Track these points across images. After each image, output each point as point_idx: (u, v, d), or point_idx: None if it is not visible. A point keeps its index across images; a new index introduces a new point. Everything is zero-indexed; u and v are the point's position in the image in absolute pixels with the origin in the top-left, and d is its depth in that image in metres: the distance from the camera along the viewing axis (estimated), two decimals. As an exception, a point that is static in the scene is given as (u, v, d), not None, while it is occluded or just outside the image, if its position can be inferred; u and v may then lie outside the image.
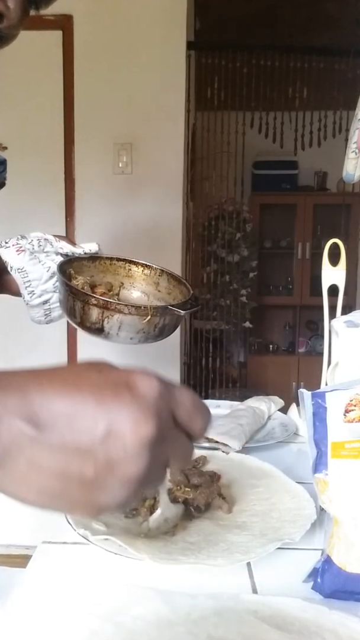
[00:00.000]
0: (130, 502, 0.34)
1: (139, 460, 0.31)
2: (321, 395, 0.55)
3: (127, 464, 0.31)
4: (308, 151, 2.77)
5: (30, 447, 0.30)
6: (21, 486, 0.32)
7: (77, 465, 0.31)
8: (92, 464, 0.31)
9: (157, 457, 0.32)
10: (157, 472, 0.34)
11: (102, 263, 0.95)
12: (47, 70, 2.14)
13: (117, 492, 0.32)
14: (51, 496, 0.32)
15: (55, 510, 0.33)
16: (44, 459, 0.31)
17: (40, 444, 0.30)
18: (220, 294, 3.41)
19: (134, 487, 0.32)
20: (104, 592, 0.50)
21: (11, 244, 0.89)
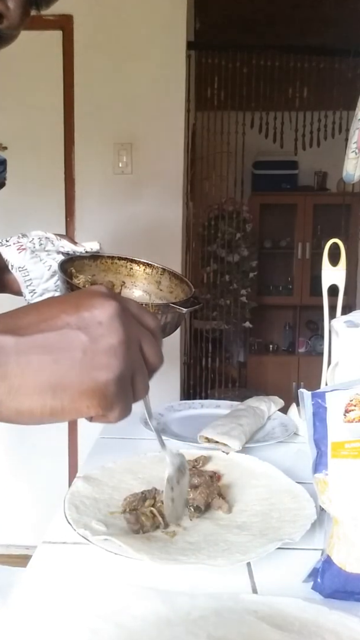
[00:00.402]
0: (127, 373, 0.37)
1: (115, 328, 0.36)
2: (321, 395, 0.55)
3: (107, 334, 0.36)
4: (308, 151, 2.77)
5: (17, 350, 0.34)
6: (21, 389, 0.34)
7: (65, 350, 0.35)
8: (78, 344, 0.35)
9: (129, 329, 0.38)
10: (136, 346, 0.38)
11: (103, 262, 0.95)
12: (47, 70, 2.14)
13: (110, 362, 0.36)
14: (53, 389, 0.35)
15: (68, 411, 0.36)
16: (32, 355, 0.34)
17: (25, 344, 0.34)
18: (220, 294, 3.41)
19: (122, 356, 0.36)
20: (104, 592, 0.50)
21: (12, 243, 0.89)
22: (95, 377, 0.36)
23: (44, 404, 0.35)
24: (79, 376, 0.35)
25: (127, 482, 0.74)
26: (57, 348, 0.35)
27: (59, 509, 0.64)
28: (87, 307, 0.37)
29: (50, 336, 0.35)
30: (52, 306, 0.37)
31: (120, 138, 2.17)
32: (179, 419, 1.08)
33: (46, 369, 0.35)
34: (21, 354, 0.34)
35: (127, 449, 0.89)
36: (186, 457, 0.80)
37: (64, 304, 0.37)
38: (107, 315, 0.37)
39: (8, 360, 0.34)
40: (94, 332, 0.36)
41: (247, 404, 1.07)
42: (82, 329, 0.36)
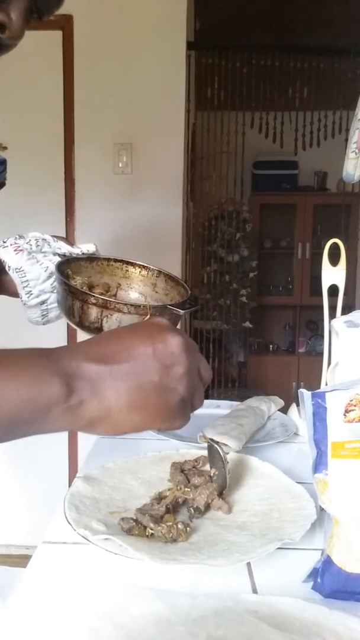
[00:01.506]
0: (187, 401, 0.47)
1: (182, 359, 0.45)
2: (321, 395, 0.55)
3: (177, 364, 0.45)
4: (308, 151, 2.77)
5: (110, 376, 0.42)
6: (115, 409, 0.42)
7: (146, 377, 0.43)
8: (155, 372, 0.44)
9: (192, 357, 0.46)
10: (195, 372, 0.47)
11: (99, 264, 0.95)
12: (47, 70, 2.14)
13: (178, 388, 0.45)
14: (138, 408, 0.43)
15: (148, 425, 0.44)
16: (122, 381, 0.42)
17: (115, 372, 0.42)
18: (220, 294, 3.41)
19: (186, 382, 0.45)
20: (104, 592, 0.50)
21: (9, 244, 0.89)
22: (167, 399, 0.45)
23: (132, 420, 0.43)
24: (156, 398, 0.44)
25: (127, 482, 0.74)
26: (140, 375, 0.43)
27: (59, 509, 0.64)
28: (161, 340, 0.45)
29: (136, 365, 0.43)
30: (129, 336, 0.46)
31: (120, 138, 2.17)
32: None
33: (134, 392, 0.43)
34: (114, 379, 0.42)
35: (127, 449, 0.88)
36: (186, 457, 0.80)
37: (139, 334, 0.46)
38: (177, 348, 0.45)
39: (104, 387, 0.42)
40: (166, 362, 0.44)
41: (247, 404, 1.06)
42: (157, 359, 0.44)
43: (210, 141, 2.79)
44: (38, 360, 0.41)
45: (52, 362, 0.41)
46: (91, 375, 0.41)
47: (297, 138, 2.74)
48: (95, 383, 0.41)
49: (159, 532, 0.58)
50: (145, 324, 0.48)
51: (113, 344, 0.45)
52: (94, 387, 0.41)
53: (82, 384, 0.41)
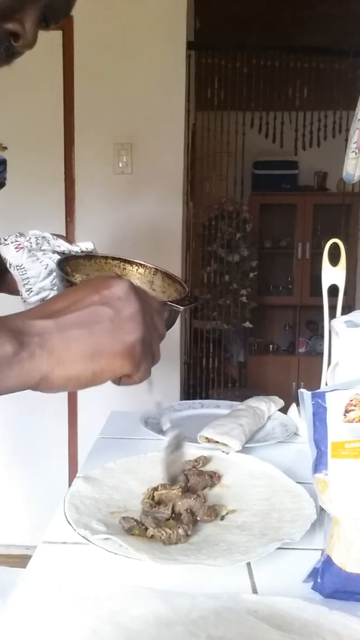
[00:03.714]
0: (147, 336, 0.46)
1: (131, 299, 0.45)
2: (321, 395, 0.55)
3: (126, 305, 0.45)
4: (308, 151, 2.77)
5: (59, 328, 0.42)
6: (66, 360, 0.41)
7: (96, 322, 0.43)
8: (104, 316, 0.44)
9: (142, 299, 0.46)
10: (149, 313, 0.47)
11: (97, 262, 0.96)
12: (47, 70, 2.14)
13: (133, 327, 0.44)
14: (92, 355, 0.42)
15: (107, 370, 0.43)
16: (71, 331, 0.42)
17: (63, 323, 0.42)
18: (220, 294, 3.41)
19: (141, 321, 0.45)
20: (104, 592, 0.50)
21: (10, 242, 0.89)
22: (124, 340, 0.44)
23: (86, 368, 0.42)
24: (111, 342, 0.43)
25: (127, 482, 0.74)
26: (89, 322, 0.43)
27: (59, 509, 0.64)
28: (106, 287, 0.45)
29: (83, 314, 0.43)
30: (76, 292, 0.46)
31: (120, 138, 2.17)
32: (179, 419, 1.08)
33: (84, 340, 0.42)
34: (62, 331, 0.42)
35: (127, 449, 0.89)
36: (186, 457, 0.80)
37: (86, 288, 0.46)
38: (124, 290, 0.45)
39: (52, 338, 0.41)
40: (116, 305, 0.44)
41: (247, 404, 1.07)
42: (106, 304, 0.44)
43: (210, 141, 2.78)
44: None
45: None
46: (38, 330, 0.41)
47: (297, 138, 2.74)
48: (43, 336, 0.41)
49: (159, 537, 0.58)
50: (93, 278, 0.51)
51: (60, 302, 0.45)
52: (43, 340, 0.41)
53: (30, 338, 0.41)
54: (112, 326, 0.43)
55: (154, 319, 0.48)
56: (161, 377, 2.33)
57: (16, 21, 0.60)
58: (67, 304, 0.44)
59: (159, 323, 0.49)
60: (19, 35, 0.61)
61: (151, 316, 0.47)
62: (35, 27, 0.61)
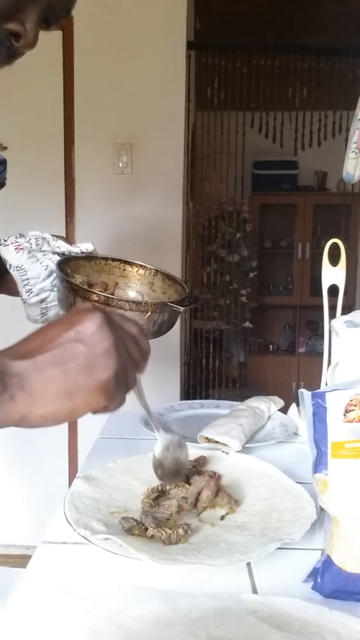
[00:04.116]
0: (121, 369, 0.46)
1: (104, 334, 0.45)
2: (321, 395, 0.55)
3: (100, 341, 0.45)
4: (308, 151, 2.76)
5: (34, 368, 0.42)
6: (43, 400, 0.42)
7: (71, 360, 0.43)
8: (79, 353, 0.44)
9: (115, 332, 0.46)
10: (122, 345, 0.47)
11: (97, 263, 0.96)
12: (47, 70, 2.14)
13: (107, 363, 0.44)
14: (69, 393, 0.43)
15: (83, 408, 0.44)
16: (47, 370, 0.42)
17: (39, 363, 0.43)
18: (220, 294, 3.41)
19: (114, 356, 0.45)
20: (104, 592, 0.50)
21: (10, 242, 0.89)
22: (99, 377, 0.44)
23: (63, 407, 0.43)
24: (86, 380, 0.43)
25: (127, 482, 0.74)
26: (64, 361, 0.43)
27: (59, 509, 0.64)
28: (79, 322, 0.45)
29: (57, 352, 0.43)
30: (51, 329, 0.46)
31: (120, 138, 2.17)
32: (179, 419, 1.08)
33: (60, 379, 0.43)
34: (39, 371, 0.42)
35: (127, 449, 0.88)
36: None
37: (60, 324, 0.46)
38: (96, 325, 0.45)
39: (31, 380, 0.42)
40: (89, 341, 0.44)
41: (247, 404, 1.07)
42: (79, 340, 0.44)
43: (210, 141, 2.78)
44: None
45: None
46: (18, 371, 0.42)
47: (297, 138, 2.73)
48: (22, 377, 0.42)
49: (159, 537, 0.58)
50: (66, 314, 0.49)
51: (36, 340, 0.45)
52: (22, 381, 0.42)
53: (11, 379, 0.41)
54: (86, 363, 0.43)
55: (128, 347, 0.48)
56: (161, 377, 2.33)
57: (17, 21, 0.60)
58: (43, 342, 0.45)
59: (134, 351, 0.49)
60: (19, 35, 0.61)
61: (125, 346, 0.47)
62: (36, 27, 0.62)
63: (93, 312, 0.46)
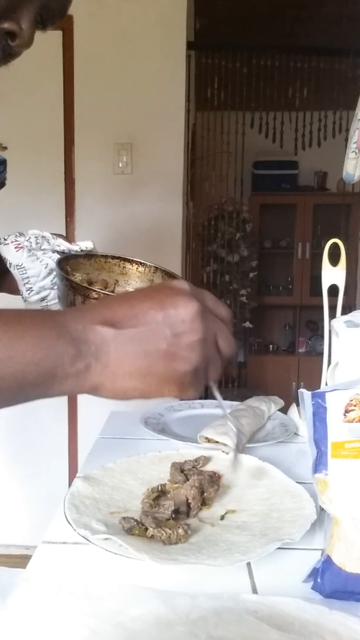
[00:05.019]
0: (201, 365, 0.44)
1: (195, 327, 0.42)
2: (321, 395, 0.55)
3: (188, 332, 0.42)
4: (308, 151, 2.77)
5: (115, 340, 0.41)
6: (118, 375, 0.41)
7: (154, 343, 0.42)
8: (163, 339, 0.42)
9: (207, 326, 0.43)
10: (211, 341, 0.45)
11: (97, 261, 0.96)
12: (47, 70, 2.14)
13: (189, 356, 0.43)
14: (143, 375, 0.42)
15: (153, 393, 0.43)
16: (128, 346, 0.41)
17: (122, 336, 0.41)
18: (220, 294, 3.41)
19: (199, 351, 0.43)
20: (104, 592, 0.50)
21: (10, 241, 0.89)
22: (176, 367, 0.42)
23: (135, 386, 0.42)
24: (164, 366, 0.42)
25: (127, 482, 0.74)
26: (147, 341, 0.42)
27: (59, 509, 0.64)
28: (172, 305, 0.43)
29: (142, 330, 0.42)
30: (140, 301, 0.43)
31: (120, 138, 2.17)
32: (179, 419, 1.08)
33: (139, 359, 0.41)
34: (119, 344, 0.41)
35: (127, 449, 0.89)
36: (186, 457, 0.80)
37: (152, 300, 0.43)
38: (189, 315, 0.42)
39: (109, 350, 0.41)
40: (177, 329, 0.42)
41: (247, 404, 1.07)
42: (167, 325, 0.42)
43: (210, 141, 2.79)
44: (44, 322, 0.40)
45: (59, 325, 0.40)
46: (96, 340, 0.41)
47: (297, 138, 2.74)
48: (100, 347, 0.41)
49: (159, 537, 0.58)
50: (160, 287, 0.46)
51: (123, 308, 0.43)
52: (99, 351, 0.41)
53: (87, 347, 0.40)
54: (168, 350, 0.42)
55: (219, 343, 0.46)
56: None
57: (12, 20, 0.60)
58: (129, 314, 0.42)
59: (225, 346, 0.46)
60: (15, 34, 0.61)
61: (214, 342, 0.45)
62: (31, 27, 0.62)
63: (190, 300, 0.43)
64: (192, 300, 0.43)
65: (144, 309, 0.42)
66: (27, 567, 0.56)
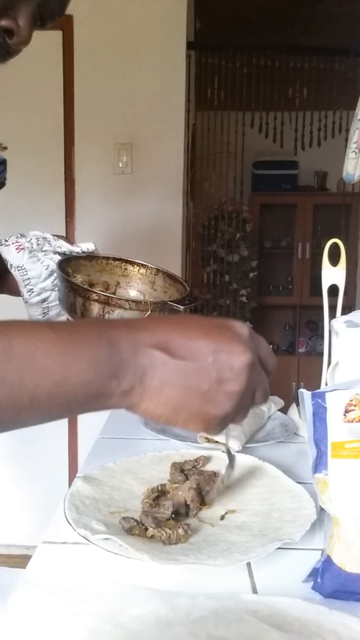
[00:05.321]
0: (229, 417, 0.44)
1: (240, 378, 0.43)
2: (321, 395, 0.55)
3: (232, 381, 0.42)
4: (308, 151, 2.77)
5: (162, 368, 0.41)
6: (153, 399, 0.42)
7: (196, 381, 0.42)
8: (206, 380, 0.42)
9: (251, 380, 0.44)
10: (250, 394, 0.45)
11: (98, 262, 0.96)
12: (47, 70, 2.14)
13: (224, 404, 0.43)
14: (175, 407, 0.42)
15: (181, 424, 0.44)
16: (171, 376, 0.41)
17: (169, 365, 0.41)
18: (220, 294, 3.41)
19: (236, 401, 0.43)
20: (104, 592, 0.50)
21: (11, 242, 0.89)
22: (209, 410, 0.43)
23: (166, 414, 0.43)
24: (198, 405, 0.42)
25: (127, 482, 0.74)
26: (191, 377, 0.42)
27: (59, 509, 0.64)
28: (227, 350, 0.43)
29: (190, 365, 0.42)
30: (198, 335, 0.43)
31: (120, 138, 2.17)
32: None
33: (177, 392, 0.42)
34: (164, 372, 0.41)
35: (127, 449, 0.89)
36: (186, 457, 0.80)
37: (208, 338, 0.43)
38: (239, 366, 0.43)
39: (154, 376, 0.41)
40: (223, 375, 0.42)
41: (247, 404, 1.06)
42: (215, 368, 0.42)
43: (210, 141, 2.79)
44: (99, 340, 0.41)
45: (111, 344, 0.40)
46: (144, 363, 0.41)
47: (297, 138, 2.74)
48: (146, 371, 0.41)
49: (159, 537, 0.58)
50: (220, 324, 0.45)
51: (178, 337, 0.43)
52: (144, 374, 0.41)
53: (135, 370, 0.41)
54: (207, 392, 0.42)
55: (256, 395, 0.46)
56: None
57: (9, 18, 0.60)
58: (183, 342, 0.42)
59: (259, 398, 0.47)
60: (13, 32, 0.61)
61: (253, 394, 0.45)
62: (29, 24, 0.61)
63: (244, 351, 0.43)
64: (247, 352, 0.43)
65: (199, 345, 0.42)
66: (27, 567, 0.56)
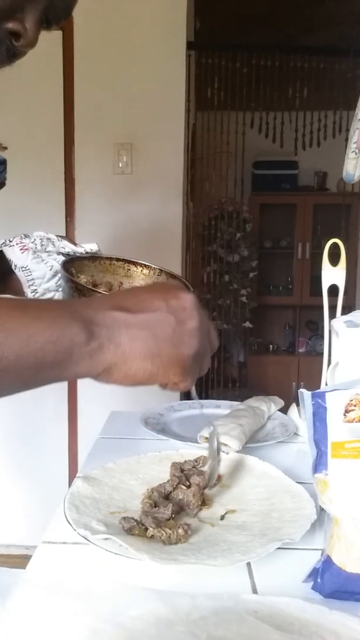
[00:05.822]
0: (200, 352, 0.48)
1: (194, 314, 0.48)
2: (321, 395, 0.55)
3: (190, 319, 0.47)
4: (308, 151, 2.77)
5: (125, 323, 0.44)
6: (129, 355, 0.44)
7: (161, 328, 0.46)
8: (169, 325, 0.46)
9: (202, 315, 0.49)
10: (206, 330, 0.49)
11: (101, 263, 0.96)
12: (47, 70, 2.14)
13: (191, 341, 0.47)
14: (152, 357, 0.45)
15: (160, 375, 0.46)
16: (137, 330, 0.44)
17: (131, 320, 0.45)
18: (220, 294, 3.41)
19: (199, 337, 0.48)
20: (104, 592, 0.50)
21: (15, 243, 0.90)
22: (181, 351, 0.46)
23: (145, 368, 0.45)
24: (170, 349, 0.46)
25: (127, 482, 0.74)
26: (155, 325, 0.45)
27: (59, 509, 0.64)
28: (174, 297, 0.48)
29: (149, 316, 0.46)
30: (144, 293, 0.49)
31: (120, 138, 2.17)
32: (179, 419, 1.08)
33: (148, 341, 0.45)
34: (130, 327, 0.44)
35: (127, 449, 0.89)
36: (186, 457, 0.80)
37: (153, 292, 0.48)
38: (189, 304, 0.48)
39: (120, 333, 0.44)
40: (179, 316, 0.47)
41: (247, 404, 1.07)
42: (171, 312, 0.46)
43: (210, 141, 2.79)
44: (56, 305, 0.44)
45: (70, 308, 0.43)
46: (107, 322, 0.43)
47: (297, 138, 2.74)
48: (112, 329, 0.43)
49: (159, 537, 0.58)
50: (159, 283, 0.53)
51: (129, 297, 0.47)
52: (111, 332, 0.43)
53: (100, 329, 0.43)
54: (173, 335, 0.46)
55: (210, 334, 0.51)
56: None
57: (17, 20, 0.60)
58: (135, 301, 0.46)
59: (214, 339, 0.51)
60: (19, 34, 0.61)
61: (208, 332, 0.50)
62: (36, 27, 0.62)
63: (187, 292, 0.49)
64: (189, 294, 0.49)
65: (148, 298, 0.47)
66: (27, 567, 0.56)
